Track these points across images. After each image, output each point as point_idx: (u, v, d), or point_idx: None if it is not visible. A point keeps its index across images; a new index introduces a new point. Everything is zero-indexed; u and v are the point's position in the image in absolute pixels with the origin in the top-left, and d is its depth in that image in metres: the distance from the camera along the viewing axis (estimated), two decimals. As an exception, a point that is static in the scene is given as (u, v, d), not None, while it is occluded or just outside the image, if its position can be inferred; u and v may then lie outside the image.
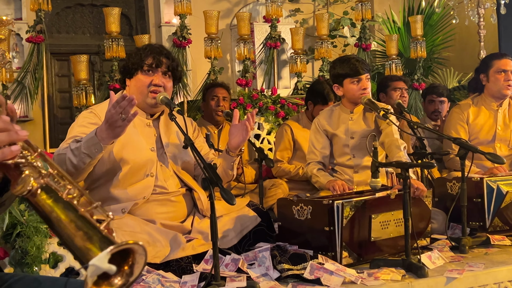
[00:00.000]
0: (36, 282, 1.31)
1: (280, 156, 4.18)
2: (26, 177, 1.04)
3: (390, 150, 3.18)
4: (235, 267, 2.48)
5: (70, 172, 2.44)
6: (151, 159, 2.68)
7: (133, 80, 2.73)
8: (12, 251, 2.02)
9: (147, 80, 2.69)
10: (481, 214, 3.22)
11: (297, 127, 4.21)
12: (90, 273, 0.97)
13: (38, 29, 5.00)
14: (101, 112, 2.68)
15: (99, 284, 1.00)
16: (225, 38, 7.30)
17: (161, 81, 2.70)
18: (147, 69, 2.70)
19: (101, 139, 2.40)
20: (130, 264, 1.05)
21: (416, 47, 6.05)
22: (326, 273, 2.43)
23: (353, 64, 3.32)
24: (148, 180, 2.66)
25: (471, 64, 6.07)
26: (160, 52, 2.73)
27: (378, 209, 2.73)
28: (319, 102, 4.07)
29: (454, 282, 2.51)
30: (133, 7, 7.81)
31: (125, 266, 1.04)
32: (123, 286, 1.04)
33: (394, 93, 4.46)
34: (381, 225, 2.74)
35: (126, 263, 1.04)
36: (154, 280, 2.33)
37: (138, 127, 2.71)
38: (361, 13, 6.00)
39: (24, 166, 1.06)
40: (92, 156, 2.43)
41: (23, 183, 1.04)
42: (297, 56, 5.79)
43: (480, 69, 4.00)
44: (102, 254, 0.96)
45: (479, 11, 6.11)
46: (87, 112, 2.74)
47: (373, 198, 2.74)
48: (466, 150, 2.93)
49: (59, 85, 7.50)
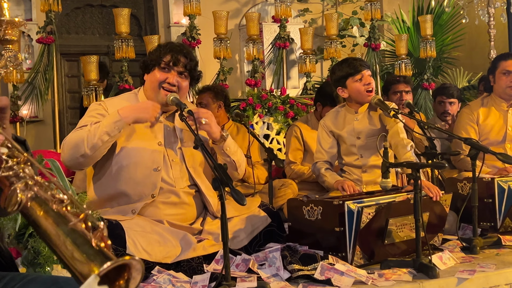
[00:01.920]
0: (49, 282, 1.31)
1: (292, 158, 4.17)
2: (13, 191, 1.01)
3: (397, 150, 3.18)
4: (246, 268, 2.48)
5: (83, 155, 2.50)
6: (157, 153, 2.68)
7: (149, 75, 2.74)
8: (24, 252, 2.03)
9: (161, 77, 2.70)
10: (492, 214, 3.21)
11: (305, 128, 4.20)
12: None
13: (48, 30, 5.02)
14: (110, 106, 2.71)
15: None
16: (234, 38, 7.30)
17: (176, 80, 2.70)
18: (164, 67, 2.70)
19: (124, 117, 2.50)
20: (126, 279, 1.01)
21: (426, 46, 6.02)
22: (337, 274, 2.43)
23: (351, 63, 3.36)
24: (155, 175, 2.66)
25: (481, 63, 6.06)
26: (180, 51, 2.73)
27: (396, 213, 2.72)
28: (328, 104, 4.06)
29: (465, 283, 2.50)
30: (142, 8, 7.83)
31: (121, 281, 1.00)
32: None
33: (394, 96, 4.45)
34: (396, 229, 2.73)
35: (121, 278, 1.00)
36: (165, 280, 2.34)
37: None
38: (370, 12, 5.98)
39: (12, 177, 1.03)
40: (110, 134, 2.50)
41: (11, 198, 1.01)
42: (306, 56, 5.78)
43: (489, 70, 4.03)
44: (90, 279, 0.93)
45: (489, 10, 6.08)
46: (97, 104, 2.78)
47: (394, 202, 2.73)
48: (477, 150, 2.92)
49: (68, 85, 7.53)
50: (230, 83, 5.61)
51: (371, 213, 2.63)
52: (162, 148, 2.70)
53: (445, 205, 2.95)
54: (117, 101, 2.78)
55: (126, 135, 2.64)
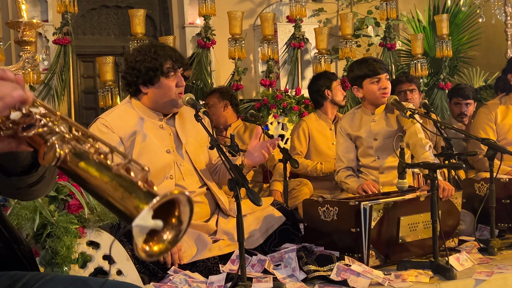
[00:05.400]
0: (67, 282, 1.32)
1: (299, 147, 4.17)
2: (51, 146, 0.98)
3: (415, 150, 3.15)
4: (261, 268, 2.48)
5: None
6: (168, 162, 2.68)
7: (157, 86, 2.66)
8: (42, 251, 2.04)
9: (172, 83, 2.68)
10: (510, 215, 3.18)
11: (313, 119, 4.23)
12: (136, 234, 0.91)
13: (65, 31, 5.06)
14: (114, 126, 2.64)
15: (148, 242, 0.95)
16: (249, 38, 7.30)
17: (182, 79, 2.72)
18: (169, 73, 2.66)
19: None
20: (177, 216, 0.98)
21: (442, 46, 5.98)
22: (353, 275, 2.42)
23: (371, 65, 3.32)
24: (168, 183, 2.65)
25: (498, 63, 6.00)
26: (171, 50, 2.71)
27: (407, 211, 2.71)
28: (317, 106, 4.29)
29: (483, 285, 2.48)
30: (157, 8, 7.86)
31: (172, 219, 0.98)
32: (176, 238, 0.98)
33: (399, 97, 4.41)
34: (409, 227, 2.72)
35: (172, 216, 0.98)
36: (181, 280, 2.34)
37: (151, 131, 2.68)
38: (386, 12, 5.95)
39: (48, 134, 1.00)
40: None
41: (49, 152, 0.98)
42: (321, 56, 5.76)
43: (507, 70, 3.97)
44: (144, 211, 0.90)
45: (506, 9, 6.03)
46: (102, 126, 2.64)
47: (402, 200, 2.72)
48: (495, 150, 2.89)
49: (84, 86, 7.58)
50: (244, 83, 5.61)
51: (380, 210, 2.61)
52: (171, 156, 2.70)
53: (456, 203, 2.93)
54: (117, 116, 2.70)
55: (136, 148, 2.63)
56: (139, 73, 2.65)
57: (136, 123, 2.66)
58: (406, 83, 4.42)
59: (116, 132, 2.62)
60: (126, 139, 2.63)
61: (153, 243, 0.96)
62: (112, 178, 0.97)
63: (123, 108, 2.75)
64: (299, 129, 4.21)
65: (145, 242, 0.94)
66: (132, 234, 0.91)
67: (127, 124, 2.66)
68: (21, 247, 1.37)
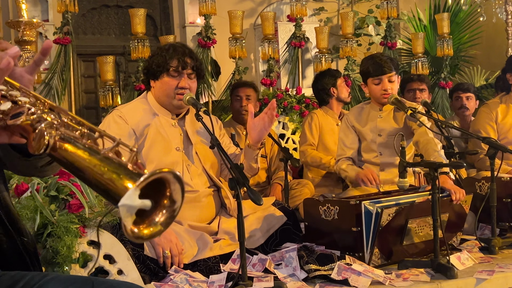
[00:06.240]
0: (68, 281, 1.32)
1: (312, 139, 4.17)
2: (40, 133, 0.98)
3: (426, 149, 3.08)
4: (262, 267, 2.48)
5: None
6: (176, 159, 2.69)
7: (159, 82, 2.71)
8: (43, 251, 2.04)
9: (173, 83, 2.68)
10: (511, 214, 3.18)
11: (321, 114, 4.25)
12: (123, 214, 0.89)
13: (65, 30, 5.06)
14: (129, 117, 2.67)
15: (139, 224, 0.93)
16: (249, 38, 7.30)
17: (187, 83, 2.70)
18: (173, 72, 2.68)
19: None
20: (169, 196, 0.96)
21: (443, 45, 5.98)
22: (354, 274, 2.42)
23: (376, 63, 3.25)
24: None
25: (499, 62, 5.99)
26: (184, 53, 2.71)
27: (416, 214, 2.70)
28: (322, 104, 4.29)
29: (484, 284, 2.48)
30: (158, 8, 7.86)
31: (164, 200, 0.96)
32: (169, 219, 0.97)
33: (408, 94, 4.41)
34: (415, 230, 2.71)
35: (164, 197, 0.96)
36: (182, 279, 2.34)
37: (164, 127, 2.71)
38: (386, 11, 5.95)
39: (37, 122, 0.99)
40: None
41: (38, 139, 0.97)
42: (322, 55, 5.76)
43: (506, 69, 3.96)
44: (130, 191, 0.89)
45: (507, 8, 6.03)
46: (117, 117, 2.69)
47: (412, 204, 2.71)
48: (496, 149, 2.89)
49: (85, 85, 7.58)
50: (245, 82, 5.60)
51: (391, 214, 2.61)
52: (180, 154, 2.70)
53: (465, 205, 2.93)
54: (132, 109, 2.75)
55: (147, 142, 2.64)
56: (150, 66, 2.74)
57: (149, 117, 2.71)
58: (417, 82, 4.43)
59: (129, 124, 2.66)
60: (139, 131, 2.66)
61: (143, 226, 0.95)
62: (100, 161, 0.95)
63: (138, 102, 2.82)
64: (311, 121, 4.21)
65: (135, 224, 0.93)
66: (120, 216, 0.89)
67: (141, 117, 2.70)
68: (25, 240, 1.37)
